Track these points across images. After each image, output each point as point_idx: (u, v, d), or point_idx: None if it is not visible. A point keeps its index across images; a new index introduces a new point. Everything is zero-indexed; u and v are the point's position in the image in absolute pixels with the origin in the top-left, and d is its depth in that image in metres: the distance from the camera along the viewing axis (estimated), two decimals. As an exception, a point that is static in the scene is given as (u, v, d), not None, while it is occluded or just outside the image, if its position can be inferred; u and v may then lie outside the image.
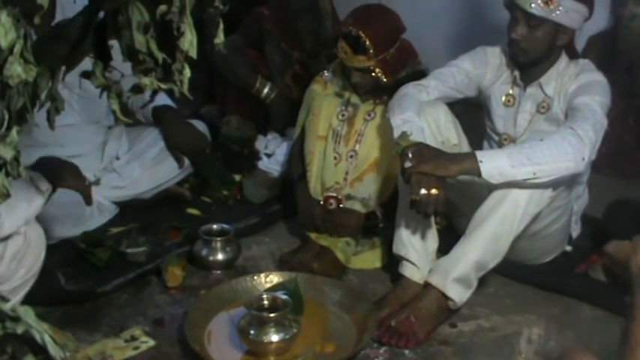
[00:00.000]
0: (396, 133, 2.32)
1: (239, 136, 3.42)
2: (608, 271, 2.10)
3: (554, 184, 2.28)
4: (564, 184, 2.34)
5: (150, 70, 1.07)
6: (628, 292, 1.52)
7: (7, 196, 1.09)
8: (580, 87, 2.44)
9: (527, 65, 2.53)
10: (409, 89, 2.55)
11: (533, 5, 2.35)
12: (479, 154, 2.22)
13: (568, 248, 2.68)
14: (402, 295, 2.40)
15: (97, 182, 2.45)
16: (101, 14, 1.14)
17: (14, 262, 2.05)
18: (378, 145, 2.70)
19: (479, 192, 2.36)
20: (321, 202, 2.75)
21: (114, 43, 1.14)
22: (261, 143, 3.39)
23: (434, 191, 2.19)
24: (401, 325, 2.28)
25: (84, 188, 2.35)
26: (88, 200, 2.38)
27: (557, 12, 2.36)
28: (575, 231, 2.71)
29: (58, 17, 1.19)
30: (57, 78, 1.12)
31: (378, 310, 2.34)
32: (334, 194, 2.73)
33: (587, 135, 2.23)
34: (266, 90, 3.38)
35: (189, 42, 1.04)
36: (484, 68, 2.63)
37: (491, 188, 2.29)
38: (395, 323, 2.28)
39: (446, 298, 2.34)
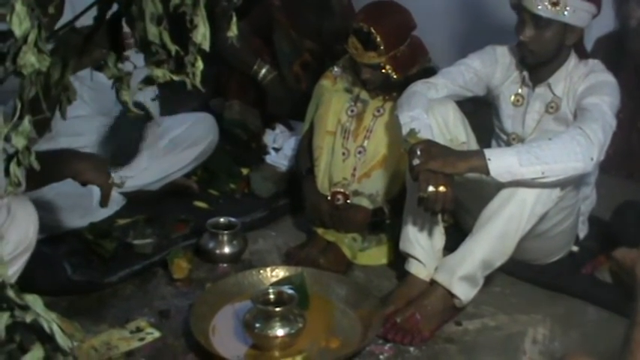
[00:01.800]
0: (405, 131, 2.32)
1: (241, 121, 3.41)
2: (615, 276, 2.12)
3: (561, 184, 2.28)
4: (572, 184, 2.34)
5: (162, 62, 1.07)
6: (632, 298, 1.54)
7: (19, 185, 1.09)
8: (589, 87, 2.43)
9: (537, 66, 2.52)
10: (418, 87, 2.55)
11: (540, 7, 2.34)
12: (487, 152, 2.22)
13: (575, 249, 2.68)
14: (408, 292, 2.40)
15: (120, 184, 2.34)
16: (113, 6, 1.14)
17: None
18: (387, 141, 2.70)
19: (486, 190, 2.36)
20: (329, 198, 2.74)
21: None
22: (269, 137, 3.39)
23: (441, 189, 2.19)
24: (406, 322, 2.28)
25: (105, 185, 2.15)
26: (105, 201, 2.17)
27: (565, 12, 2.35)
28: (582, 231, 2.70)
29: (67, 10, 1.19)
30: (69, 68, 1.12)
31: (384, 306, 2.34)
32: (342, 190, 2.73)
33: (596, 135, 2.23)
34: (263, 71, 3.38)
35: (202, 35, 1.04)
36: (493, 67, 2.62)
37: (498, 187, 2.29)
38: (400, 320, 2.29)
39: (452, 295, 2.34)
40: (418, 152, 2.22)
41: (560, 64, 2.51)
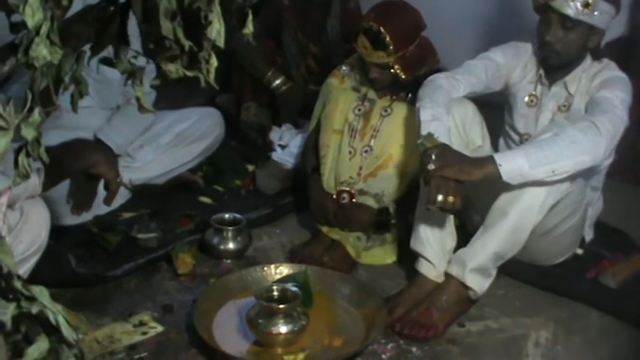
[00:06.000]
0: (424, 131, 2.28)
1: (258, 123, 3.44)
2: None
3: (572, 177, 2.27)
4: (582, 176, 2.33)
5: (175, 58, 1.06)
6: None
7: (27, 176, 1.09)
8: (602, 82, 2.43)
9: (558, 67, 2.52)
10: (442, 81, 2.49)
11: (570, 8, 2.34)
12: (497, 158, 2.20)
13: (579, 252, 2.67)
14: (417, 293, 2.39)
15: (128, 186, 2.31)
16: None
17: (10, 237, 2.00)
18: (394, 141, 2.69)
19: (493, 186, 2.33)
20: (334, 196, 2.74)
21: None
22: (275, 134, 3.40)
23: (450, 199, 2.16)
24: (422, 316, 2.29)
25: (114, 181, 2.18)
26: (111, 199, 2.22)
27: (595, 14, 2.35)
28: (588, 235, 2.70)
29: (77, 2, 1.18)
30: (81, 61, 1.12)
31: (393, 310, 2.34)
32: (347, 189, 2.73)
33: (605, 127, 2.22)
34: (277, 82, 3.40)
35: (216, 31, 1.03)
36: (515, 62, 2.61)
37: (506, 182, 2.28)
38: (416, 314, 2.30)
39: (466, 288, 2.34)
40: (433, 157, 2.19)
41: (577, 64, 2.51)
